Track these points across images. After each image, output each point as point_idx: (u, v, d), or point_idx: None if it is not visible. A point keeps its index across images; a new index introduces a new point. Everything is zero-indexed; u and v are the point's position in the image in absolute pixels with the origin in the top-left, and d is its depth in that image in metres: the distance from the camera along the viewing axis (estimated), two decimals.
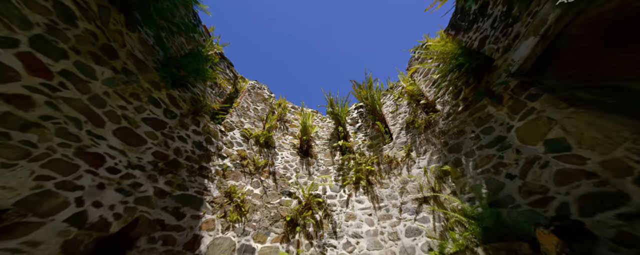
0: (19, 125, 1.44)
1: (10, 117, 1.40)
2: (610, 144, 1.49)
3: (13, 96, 1.42)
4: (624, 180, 1.40)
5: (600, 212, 1.46)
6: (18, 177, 1.39)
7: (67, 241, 1.51)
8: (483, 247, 1.99)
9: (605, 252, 1.35)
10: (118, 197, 1.91)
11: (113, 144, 2.01)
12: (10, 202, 1.33)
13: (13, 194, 1.35)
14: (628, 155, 1.40)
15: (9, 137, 1.38)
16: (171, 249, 2.05)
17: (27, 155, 1.45)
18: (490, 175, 2.28)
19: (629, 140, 1.41)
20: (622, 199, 1.39)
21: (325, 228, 3.11)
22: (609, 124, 1.52)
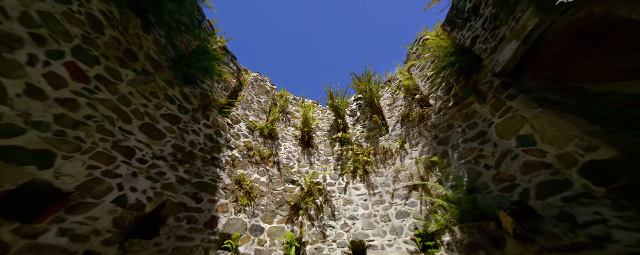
0: (70, 124, 1.75)
1: (65, 118, 1.71)
2: (564, 141, 1.80)
3: (65, 100, 1.72)
4: (571, 170, 1.73)
5: (550, 196, 1.81)
6: (75, 167, 1.73)
7: (116, 218, 1.89)
8: (459, 226, 2.38)
9: (548, 228, 1.71)
10: (148, 184, 2.28)
11: (140, 139, 2.34)
12: (72, 186, 1.68)
13: (73, 180, 1.70)
14: (576, 150, 1.71)
15: (65, 134, 1.71)
16: (194, 227, 2.45)
17: (79, 150, 1.78)
18: (472, 166, 2.61)
19: (577, 138, 1.71)
20: (567, 186, 1.73)
21: (325, 211, 3.53)
22: (565, 124, 1.82)
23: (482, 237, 2.13)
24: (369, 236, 3.06)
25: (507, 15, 2.37)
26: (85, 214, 1.70)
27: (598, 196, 1.55)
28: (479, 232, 2.17)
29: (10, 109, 1.40)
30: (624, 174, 1.45)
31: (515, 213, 1.79)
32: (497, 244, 2.00)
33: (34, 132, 1.51)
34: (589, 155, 1.64)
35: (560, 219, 1.69)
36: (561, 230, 1.65)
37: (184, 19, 3.14)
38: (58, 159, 1.63)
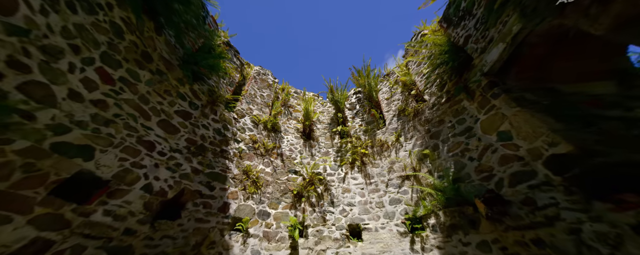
0: (103, 122, 2.04)
1: (98, 117, 1.99)
2: (534, 136, 2.08)
3: (97, 101, 1.99)
4: (537, 162, 2.02)
5: (519, 184, 2.12)
6: (109, 159, 2.03)
7: (145, 202, 2.22)
8: (443, 211, 2.73)
9: (514, 210, 2.04)
10: (168, 174, 2.60)
11: (158, 133, 2.63)
12: (109, 175, 1.99)
13: (109, 170, 2.01)
14: (542, 145, 2.00)
15: (100, 131, 1.99)
16: (209, 211, 2.81)
17: (111, 144, 2.07)
18: (458, 158, 2.92)
19: (544, 134, 1.99)
20: (533, 175, 2.04)
21: (325, 199, 3.89)
22: (536, 121, 2.09)
23: (461, 219, 2.47)
24: (365, 220, 3.43)
25: (495, 18, 2.56)
26: (121, 199, 2.03)
27: (555, 184, 1.85)
28: (459, 215, 2.52)
29: (59, 110, 1.68)
30: (576, 165, 1.74)
31: (487, 200, 2.12)
32: (473, 224, 2.34)
33: (77, 130, 1.80)
34: (551, 149, 1.92)
35: (524, 203, 2.01)
36: (524, 212, 1.98)
37: (190, 17, 3.32)
38: (96, 152, 1.93)
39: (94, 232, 1.75)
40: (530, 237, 1.87)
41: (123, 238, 1.93)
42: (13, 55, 1.41)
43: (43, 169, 1.54)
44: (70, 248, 1.60)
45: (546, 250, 1.73)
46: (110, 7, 2.13)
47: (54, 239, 1.53)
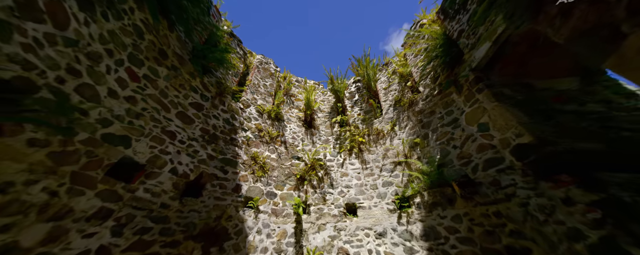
0: (134, 115, 2.40)
1: (131, 111, 2.35)
2: (506, 128, 2.45)
3: (129, 97, 2.34)
4: (505, 150, 2.41)
5: (490, 169, 2.54)
6: (142, 147, 2.43)
7: (173, 182, 2.66)
8: (428, 191, 3.19)
9: (483, 190, 2.47)
10: (188, 159, 3.02)
11: (177, 124, 3.01)
12: (144, 160, 2.40)
13: (144, 156, 2.42)
14: (511, 136, 2.38)
15: (133, 123, 2.37)
16: (225, 191, 3.28)
17: (142, 134, 2.46)
18: (444, 146, 3.32)
19: (513, 127, 2.36)
20: (501, 161, 2.44)
21: (325, 182, 4.38)
22: (509, 115, 2.45)
23: (441, 198, 2.93)
24: (360, 200, 3.94)
25: (484, 17, 2.80)
26: (155, 179, 2.47)
27: (516, 168, 2.26)
28: (440, 195, 2.98)
29: (103, 107, 2.04)
30: (533, 153, 2.13)
31: (461, 183, 2.55)
32: (450, 202, 2.81)
33: (117, 123, 2.17)
34: (517, 139, 2.30)
35: (491, 184, 2.44)
36: (490, 191, 2.41)
37: (197, 13, 3.52)
38: (133, 141, 2.32)
39: (139, 205, 2.21)
40: (492, 211, 2.32)
41: (160, 210, 2.40)
42: (70, 63, 1.74)
43: (99, 155, 1.94)
44: (125, 216, 2.05)
45: (502, 220, 2.19)
46: (132, 11, 2.39)
47: (113, 208, 1.98)
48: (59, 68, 1.67)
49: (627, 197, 1.46)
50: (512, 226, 2.10)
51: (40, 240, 1.49)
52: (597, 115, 2.09)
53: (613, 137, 1.85)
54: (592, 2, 1.57)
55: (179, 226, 2.48)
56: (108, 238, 1.90)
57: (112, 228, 1.94)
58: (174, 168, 2.74)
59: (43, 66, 1.55)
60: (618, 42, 1.45)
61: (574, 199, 1.69)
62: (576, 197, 1.68)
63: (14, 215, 1.37)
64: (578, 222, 1.63)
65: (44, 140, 1.55)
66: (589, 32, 1.66)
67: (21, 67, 1.42)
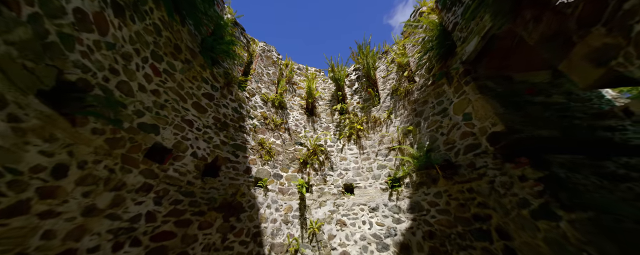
0: (159, 106, 2.78)
1: (156, 103, 2.73)
2: (485, 118, 2.83)
3: (154, 90, 2.70)
4: (483, 137, 2.81)
5: (469, 153, 2.96)
6: (168, 134, 2.85)
7: (195, 164, 3.12)
8: (416, 173, 3.66)
9: (461, 171, 2.92)
10: (205, 144, 3.45)
11: (193, 113, 3.39)
12: (170, 145, 2.83)
13: (170, 142, 2.84)
14: (488, 125, 2.76)
15: (159, 113, 2.75)
16: (237, 172, 3.76)
17: (167, 123, 2.86)
18: (433, 133, 3.72)
19: (491, 117, 2.74)
20: (478, 146, 2.85)
21: (325, 165, 4.86)
22: (489, 106, 2.81)
23: (427, 178, 3.41)
24: (357, 181, 4.45)
25: (475, 14, 3.05)
26: (180, 161, 2.92)
27: (489, 152, 2.68)
28: (426, 175, 3.45)
29: (136, 100, 2.42)
30: (503, 139, 2.54)
31: (442, 166, 2.99)
32: (434, 181, 3.28)
33: (148, 114, 2.57)
34: (493, 128, 2.70)
35: (468, 166, 2.89)
36: (467, 171, 2.86)
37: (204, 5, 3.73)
38: (160, 129, 2.73)
39: (171, 182, 2.68)
40: (466, 187, 2.79)
41: (187, 186, 2.88)
42: (111, 63, 2.08)
43: (138, 141, 2.36)
44: (162, 190, 2.53)
45: (473, 194, 2.67)
46: (151, 11, 2.66)
47: (152, 183, 2.45)
48: (104, 69, 2.02)
49: (562, 174, 1.89)
50: (480, 199, 2.58)
51: (108, 204, 1.97)
52: (559, 106, 2.45)
53: (566, 125, 2.24)
54: (556, 13, 1.87)
55: (203, 200, 2.99)
56: (152, 206, 2.39)
57: (154, 198, 2.43)
58: (194, 152, 3.18)
59: (94, 68, 1.91)
60: (569, 48, 1.77)
61: (527, 176, 2.13)
62: (528, 174, 2.11)
63: (90, 185, 1.82)
64: (527, 193, 2.08)
65: (101, 129, 1.95)
66: (551, 38, 1.97)
67: (81, 70, 1.78)
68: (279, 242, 3.41)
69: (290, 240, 3.48)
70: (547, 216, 1.86)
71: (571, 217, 1.69)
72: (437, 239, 2.86)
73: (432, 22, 4.00)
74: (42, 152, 1.51)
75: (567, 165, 1.91)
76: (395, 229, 3.41)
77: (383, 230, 3.50)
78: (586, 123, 2.21)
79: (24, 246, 1.41)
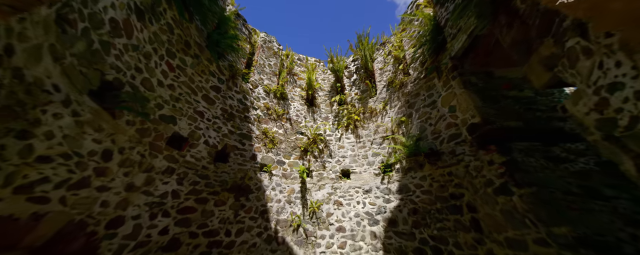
0: (175, 99, 3.12)
1: (172, 96, 3.06)
2: (466, 110, 3.18)
3: (170, 85, 3.03)
4: (463, 128, 3.18)
5: (451, 142, 3.35)
6: (184, 124, 3.21)
7: (208, 151, 3.52)
8: (406, 160, 4.07)
9: (444, 157, 3.33)
10: (215, 134, 3.83)
11: (203, 105, 3.74)
12: (186, 134, 3.21)
13: (186, 131, 3.21)
14: (468, 117, 3.12)
15: (175, 106, 3.10)
16: (245, 159, 4.17)
17: (182, 114, 3.21)
18: (422, 124, 4.09)
19: (471, 110, 3.09)
20: (459, 136, 3.23)
21: (325, 153, 5.29)
22: (470, 100, 3.15)
23: (414, 164, 3.83)
24: (353, 167, 4.89)
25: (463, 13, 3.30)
26: (195, 149, 3.31)
27: (467, 141, 3.07)
28: (414, 162, 3.87)
29: (156, 94, 2.76)
30: (479, 129, 2.91)
31: (427, 154, 3.39)
32: (420, 167, 3.71)
33: (166, 106, 2.91)
34: (472, 119, 3.06)
35: (450, 153, 3.29)
36: (448, 158, 3.27)
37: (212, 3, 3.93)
38: (177, 119, 3.09)
39: (189, 166, 3.09)
40: (447, 171, 3.21)
41: (202, 170, 3.30)
42: (136, 63, 2.40)
43: (160, 130, 2.73)
44: (182, 172, 2.95)
45: (451, 177, 3.09)
46: (165, 11, 2.92)
47: (174, 167, 2.86)
48: (131, 68, 2.34)
49: (519, 158, 2.29)
50: (456, 180, 3.01)
51: (143, 183, 2.38)
52: (527, 99, 2.80)
53: (530, 117, 2.61)
54: (523, 22, 2.16)
55: (216, 182, 3.42)
56: (175, 186, 2.82)
57: (176, 179, 2.85)
58: (206, 140, 3.57)
59: (124, 68, 2.23)
60: (530, 54, 2.09)
61: (494, 160, 2.53)
62: (495, 159, 2.52)
63: (128, 167, 2.22)
64: (492, 175, 2.50)
65: (132, 120, 2.32)
66: (520, 43, 2.28)
67: (115, 71, 2.11)
68: (284, 219, 3.91)
69: (293, 217, 3.98)
70: (505, 192, 2.29)
71: (521, 192, 2.12)
72: (420, 214, 3.33)
73: (427, 16, 4.22)
74: (94, 140, 1.89)
75: (525, 151, 2.30)
76: (385, 207, 3.89)
77: (374, 209, 3.99)
78: (546, 115, 2.57)
79: (91, 211, 1.83)
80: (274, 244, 3.54)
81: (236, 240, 3.22)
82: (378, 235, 3.67)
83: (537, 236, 1.92)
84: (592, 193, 1.85)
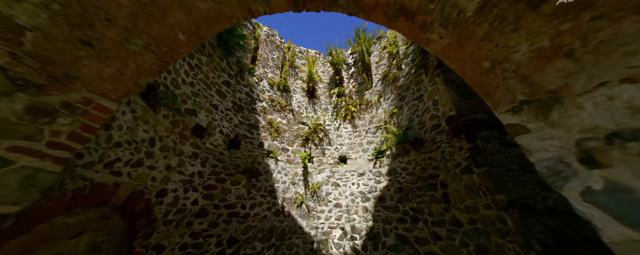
0: (194, 95, 3.63)
1: (192, 92, 3.57)
2: (446, 104, 3.69)
3: (190, 82, 3.52)
4: (443, 119, 3.71)
5: (433, 131, 3.89)
6: (203, 116, 3.74)
7: (222, 139, 4.09)
8: (395, 147, 4.64)
9: (426, 145, 3.89)
10: (228, 124, 4.38)
11: (217, 99, 4.25)
12: (205, 124, 3.76)
13: (205, 122, 3.76)
14: (445, 110, 3.64)
15: (195, 100, 3.62)
16: (253, 146, 4.76)
17: (201, 107, 3.74)
18: (411, 115, 4.61)
19: (449, 103, 3.60)
20: (439, 126, 3.76)
21: (324, 141, 5.86)
22: (449, 95, 3.65)
23: (402, 151, 4.41)
24: (349, 153, 5.48)
25: None
26: (212, 137, 3.88)
27: (445, 131, 3.61)
28: (402, 149, 4.44)
29: (181, 91, 3.27)
30: (454, 121, 3.44)
31: (412, 142, 3.95)
32: (407, 153, 4.28)
33: (189, 101, 3.43)
34: (449, 112, 3.58)
35: (431, 141, 3.84)
36: (429, 145, 3.83)
37: None
38: (197, 112, 3.62)
39: (209, 152, 3.67)
40: (428, 156, 3.79)
41: (219, 155, 3.89)
42: None
43: (186, 122, 3.27)
44: (204, 156, 3.54)
45: (431, 161, 3.67)
46: None
47: (198, 152, 3.44)
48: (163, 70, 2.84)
49: (480, 144, 2.84)
50: (434, 164, 3.59)
51: (176, 164, 2.97)
52: None
53: None
54: None
55: (231, 165, 4.03)
56: (200, 167, 3.41)
57: (200, 162, 3.44)
58: (221, 130, 4.13)
59: None
60: None
61: (463, 147, 3.09)
62: (464, 146, 3.07)
63: (166, 152, 2.79)
64: (461, 158, 3.06)
65: (167, 114, 2.85)
66: None
67: None
68: (289, 197, 4.56)
69: (297, 195, 4.63)
70: (468, 172, 2.87)
71: (478, 171, 2.69)
72: (404, 192, 3.96)
73: None
74: (144, 130, 2.44)
75: (485, 138, 2.85)
76: (376, 187, 4.53)
77: (367, 188, 4.63)
78: None
79: (145, 183, 2.42)
80: (281, 216, 4.21)
81: (250, 212, 3.88)
82: (369, 210, 4.34)
83: (485, 203, 2.52)
84: (526, 169, 2.41)
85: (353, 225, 4.31)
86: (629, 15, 0.64)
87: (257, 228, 3.80)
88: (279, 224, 4.10)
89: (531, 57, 0.90)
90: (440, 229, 3.06)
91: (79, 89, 1.12)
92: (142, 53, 1.32)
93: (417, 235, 3.37)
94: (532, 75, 0.92)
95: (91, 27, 1.06)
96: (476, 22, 1.04)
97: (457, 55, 1.20)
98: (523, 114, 1.00)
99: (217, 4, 1.30)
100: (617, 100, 0.69)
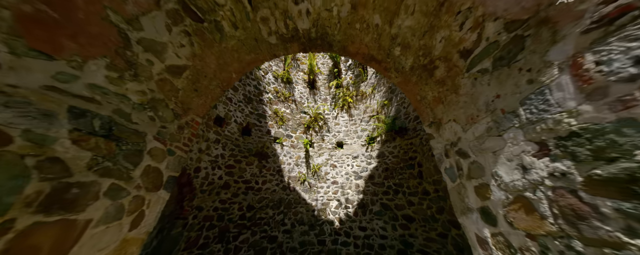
0: None
1: None
2: None
3: None
4: None
5: (415, 121, 4.59)
6: (221, 107, 4.44)
7: (237, 128, 4.82)
8: (385, 134, 5.38)
9: (409, 133, 4.62)
10: (240, 114, 5.08)
11: (231, 92, 4.90)
12: (222, 115, 4.47)
13: (222, 113, 4.46)
14: None
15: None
16: (262, 133, 5.50)
17: (215, 99, 4.41)
18: (399, 106, 5.28)
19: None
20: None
21: (324, 129, 6.59)
22: None
23: (390, 137, 5.15)
24: (346, 140, 6.24)
25: None
26: (229, 126, 4.60)
27: None
28: (390, 136, 5.18)
29: None
30: None
31: (398, 130, 4.67)
32: (394, 139, 5.03)
33: None
34: None
35: (413, 129, 4.57)
36: (412, 132, 4.56)
37: None
38: (217, 105, 4.31)
39: (227, 138, 4.42)
40: (410, 142, 4.54)
41: (236, 141, 4.64)
42: None
43: (209, 114, 3.97)
44: (224, 142, 4.29)
45: (412, 145, 4.43)
46: None
47: (219, 138, 4.19)
48: None
49: None
50: (414, 148, 4.35)
51: (205, 148, 3.72)
52: None
53: None
54: None
55: (245, 149, 4.80)
56: (221, 151, 4.18)
57: (221, 147, 4.20)
58: (235, 119, 4.84)
59: None
60: None
61: None
62: None
63: (197, 138, 3.53)
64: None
65: None
66: None
67: None
68: (293, 175, 5.40)
69: (300, 174, 5.46)
70: None
71: None
72: (389, 171, 4.77)
73: None
74: None
75: None
76: (367, 168, 5.34)
77: (359, 169, 5.45)
78: None
79: (186, 162, 3.19)
80: (287, 190, 5.07)
81: (262, 187, 4.72)
82: (360, 185, 5.19)
83: None
84: None
85: (347, 197, 5.19)
86: (450, 95, 1.33)
87: (269, 199, 4.66)
88: (286, 197, 4.97)
89: (433, 99, 1.60)
90: (414, 198, 3.90)
91: (191, 114, 1.82)
92: (215, 89, 2.00)
93: (397, 203, 4.22)
94: (434, 109, 1.62)
95: (198, 81, 1.72)
96: (411, 74, 1.71)
97: (405, 88, 1.87)
98: (432, 128, 1.71)
99: (255, 55, 1.94)
100: (455, 127, 1.40)
